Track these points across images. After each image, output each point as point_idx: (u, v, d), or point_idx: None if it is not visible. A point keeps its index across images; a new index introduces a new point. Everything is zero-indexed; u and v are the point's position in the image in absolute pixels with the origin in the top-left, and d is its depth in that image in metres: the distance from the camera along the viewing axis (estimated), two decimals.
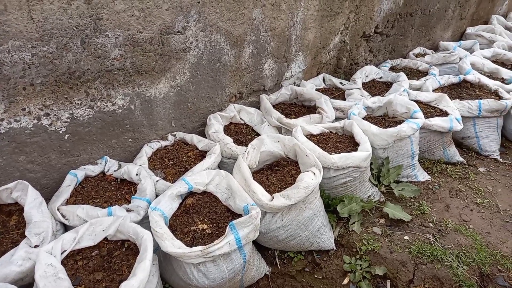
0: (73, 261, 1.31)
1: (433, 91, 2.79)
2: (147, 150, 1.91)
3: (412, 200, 2.13)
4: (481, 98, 2.62)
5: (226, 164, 1.99)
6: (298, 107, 2.55)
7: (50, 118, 1.54)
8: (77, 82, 1.55)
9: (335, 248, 1.81)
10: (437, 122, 2.28)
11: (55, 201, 1.52)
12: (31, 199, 1.41)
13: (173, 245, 1.32)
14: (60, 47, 1.44)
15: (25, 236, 1.33)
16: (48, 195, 1.62)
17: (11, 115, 1.44)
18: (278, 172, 1.86)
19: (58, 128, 1.58)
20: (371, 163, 2.12)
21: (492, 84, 2.80)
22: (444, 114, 2.43)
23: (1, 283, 1.18)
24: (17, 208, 1.51)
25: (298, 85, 2.72)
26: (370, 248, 1.79)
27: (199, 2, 1.79)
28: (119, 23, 1.56)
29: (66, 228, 1.52)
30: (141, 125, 1.90)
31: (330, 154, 1.85)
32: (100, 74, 1.60)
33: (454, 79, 2.92)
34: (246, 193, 1.57)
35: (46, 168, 1.63)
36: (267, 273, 1.72)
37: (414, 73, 3.24)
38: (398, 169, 2.17)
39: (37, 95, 1.46)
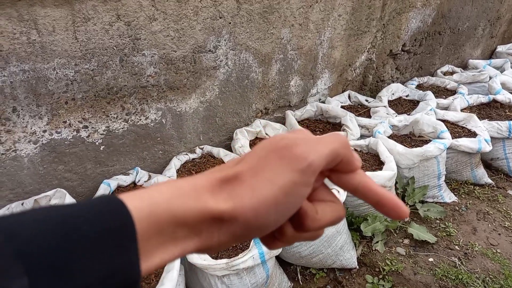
0: None
1: (461, 110, 2.75)
2: (175, 162, 1.98)
3: (438, 221, 2.10)
4: (511, 119, 2.57)
5: None
6: (323, 124, 2.57)
7: (88, 130, 1.64)
8: (114, 97, 1.64)
9: (357, 267, 1.81)
10: (465, 142, 2.25)
11: None
12: None
13: (199, 257, 1.37)
14: (101, 65, 1.54)
15: None
16: None
17: (53, 127, 1.54)
18: None
19: (95, 140, 1.68)
20: (396, 182, 2.11)
21: None
22: (473, 134, 2.39)
23: None
24: None
25: (324, 102, 2.75)
26: (393, 269, 1.77)
27: (230, 23, 1.87)
28: (155, 43, 1.65)
29: None
30: (171, 138, 1.97)
31: None
32: (135, 90, 1.69)
33: (484, 99, 2.87)
34: None
35: (82, 177, 1.72)
36: None
37: (442, 92, 3.21)
38: (423, 189, 2.15)
39: (78, 109, 1.56)
